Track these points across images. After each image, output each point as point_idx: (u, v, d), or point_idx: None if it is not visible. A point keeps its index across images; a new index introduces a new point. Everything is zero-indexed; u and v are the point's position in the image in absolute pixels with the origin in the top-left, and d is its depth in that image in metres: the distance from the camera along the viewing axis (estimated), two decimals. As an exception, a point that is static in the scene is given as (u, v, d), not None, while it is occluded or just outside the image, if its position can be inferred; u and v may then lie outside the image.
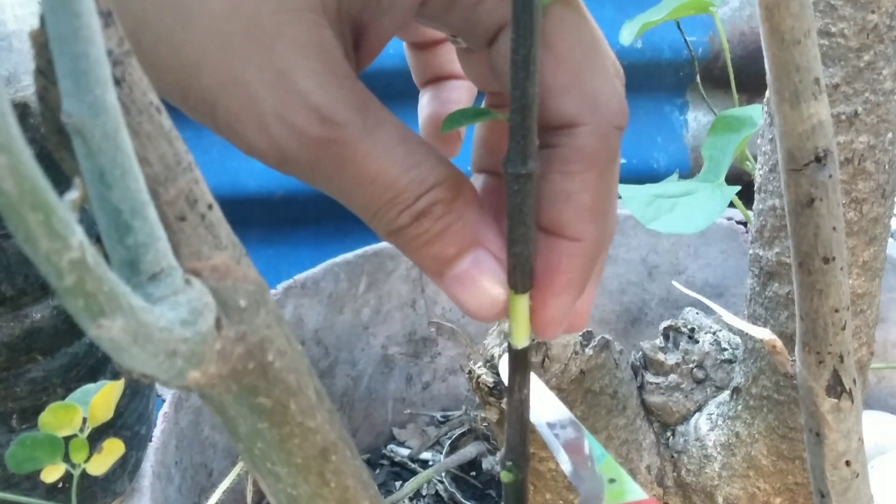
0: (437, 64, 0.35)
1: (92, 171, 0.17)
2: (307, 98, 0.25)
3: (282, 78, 0.25)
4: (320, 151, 0.25)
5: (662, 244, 0.91)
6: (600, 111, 0.26)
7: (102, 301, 0.15)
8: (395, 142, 0.26)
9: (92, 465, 0.46)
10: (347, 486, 0.25)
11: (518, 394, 0.29)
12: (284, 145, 0.25)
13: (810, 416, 0.39)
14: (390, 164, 0.26)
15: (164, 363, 0.18)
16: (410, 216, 0.26)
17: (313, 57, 0.25)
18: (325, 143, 0.25)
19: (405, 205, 0.26)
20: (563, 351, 0.50)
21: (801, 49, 0.31)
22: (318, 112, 0.25)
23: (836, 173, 0.34)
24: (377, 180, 0.26)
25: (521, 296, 0.26)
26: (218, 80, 0.25)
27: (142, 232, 0.18)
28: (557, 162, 0.26)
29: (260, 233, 1.09)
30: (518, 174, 0.24)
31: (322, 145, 0.25)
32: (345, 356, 0.87)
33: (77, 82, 0.16)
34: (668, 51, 1.10)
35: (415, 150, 0.26)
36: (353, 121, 0.25)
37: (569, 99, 0.26)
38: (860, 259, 0.45)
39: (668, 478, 0.57)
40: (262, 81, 0.25)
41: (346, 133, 0.25)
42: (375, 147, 0.26)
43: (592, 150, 0.26)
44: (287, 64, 0.25)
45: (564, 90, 0.26)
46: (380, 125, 0.26)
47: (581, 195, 0.26)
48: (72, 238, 0.15)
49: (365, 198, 0.26)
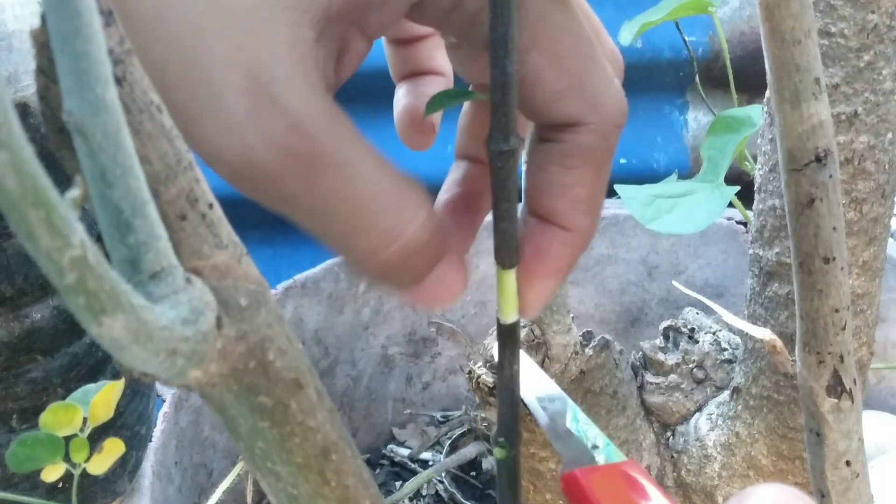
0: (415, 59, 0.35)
1: (93, 169, 0.17)
2: (276, 102, 0.23)
3: (251, 79, 0.23)
4: (289, 163, 0.23)
5: (662, 244, 0.91)
6: (602, 111, 0.26)
7: (103, 299, 0.16)
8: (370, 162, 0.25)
9: (92, 465, 0.46)
10: (348, 486, 0.25)
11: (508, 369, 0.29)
12: (248, 153, 0.23)
13: (810, 416, 0.39)
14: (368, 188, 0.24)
15: (165, 362, 0.18)
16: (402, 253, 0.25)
17: (287, 58, 0.24)
18: (293, 155, 0.23)
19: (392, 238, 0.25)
20: (563, 351, 0.50)
21: (801, 49, 0.31)
22: (287, 118, 0.23)
23: (836, 173, 0.34)
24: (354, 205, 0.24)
25: (509, 271, 0.27)
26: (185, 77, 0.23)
27: (143, 231, 0.18)
28: (557, 155, 0.27)
29: (260, 233, 1.09)
30: (501, 151, 0.25)
31: (291, 156, 0.23)
32: (345, 356, 0.87)
33: (78, 81, 0.16)
34: (668, 51, 1.10)
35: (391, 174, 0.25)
36: (324, 132, 0.24)
37: (572, 101, 0.26)
38: (860, 259, 0.45)
39: (668, 478, 0.57)
40: (229, 82, 0.23)
41: (317, 145, 0.24)
42: (350, 166, 0.24)
43: (592, 148, 0.26)
44: (258, 64, 0.23)
45: (567, 93, 0.26)
46: (353, 142, 0.24)
47: (578, 188, 0.27)
48: (73, 236, 0.15)
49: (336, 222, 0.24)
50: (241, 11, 0.23)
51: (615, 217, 0.89)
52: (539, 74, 0.26)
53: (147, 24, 0.23)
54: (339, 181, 0.24)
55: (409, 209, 0.25)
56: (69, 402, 0.45)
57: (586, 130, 0.26)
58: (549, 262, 0.27)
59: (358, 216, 0.24)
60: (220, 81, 0.23)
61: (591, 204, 0.27)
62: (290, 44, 0.24)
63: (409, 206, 0.25)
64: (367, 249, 0.25)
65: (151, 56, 0.23)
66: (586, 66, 0.26)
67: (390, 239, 0.25)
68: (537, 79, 0.26)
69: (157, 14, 0.23)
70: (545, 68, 0.26)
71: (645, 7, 0.62)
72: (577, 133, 0.26)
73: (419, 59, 0.35)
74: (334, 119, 0.24)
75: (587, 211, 0.27)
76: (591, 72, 0.26)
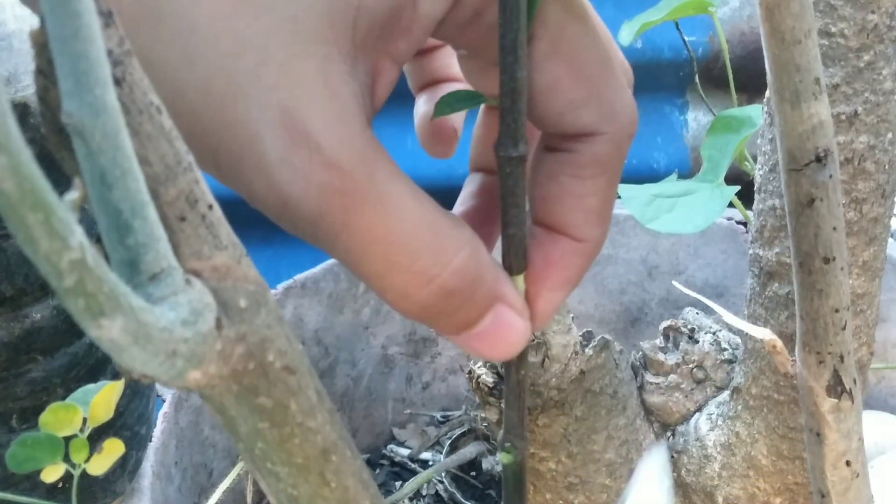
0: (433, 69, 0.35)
1: (92, 171, 0.17)
2: (311, 139, 0.23)
3: (285, 117, 0.23)
4: (325, 201, 0.23)
5: (662, 244, 0.91)
6: (617, 121, 0.26)
7: (102, 301, 0.15)
8: (409, 200, 0.24)
9: (92, 465, 0.46)
10: (348, 486, 0.25)
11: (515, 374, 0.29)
12: (286, 191, 0.23)
13: (810, 416, 0.39)
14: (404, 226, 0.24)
15: (165, 363, 0.18)
16: (439, 294, 0.24)
17: (320, 95, 0.23)
18: (330, 192, 0.23)
19: (428, 279, 0.24)
20: (563, 351, 0.50)
21: (801, 49, 0.31)
22: (322, 155, 0.23)
23: (836, 173, 0.34)
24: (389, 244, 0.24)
25: (516, 277, 0.27)
26: (220, 120, 0.23)
27: (142, 232, 0.18)
28: (570, 165, 0.26)
29: (260, 233, 1.09)
30: (510, 157, 0.25)
31: (327, 194, 0.23)
32: (345, 356, 0.87)
33: (77, 82, 0.16)
34: (668, 51, 1.10)
35: (430, 211, 0.24)
36: (361, 169, 0.23)
37: (588, 111, 0.26)
38: (860, 259, 0.45)
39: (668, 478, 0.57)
40: (264, 121, 0.23)
41: (354, 183, 0.23)
42: (387, 204, 0.23)
43: (607, 157, 0.26)
44: (292, 102, 0.23)
45: (584, 103, 0.26)
46: (391, 178, 0.24)
47: (590, 199, 0.27)
48: (72, 238, 0.14)
49: (371, 261, 0.24)
50: (271, 50, 0.23)
51: (615, 217, 0.89)
52: (556, 84, 0.26)
53: (176, 72, 0.23)
54: (374, 219, 0.23)
55: (447, 249, 0.24)
56: (69, 403, 0.45)
57: (602, 140, 0.26)
58: (560, 273, 0.27)
59: (392, 255, 0.24)
60: (256, 121, 0.23)
61: (602, 214, 0.27)
62: (323, 79, 0.23)
63: (448, 246, 0.24)
64: (401, 290, 0.24)
65: (183, 103, 0.23)
66: (603, 76, 0.26)
67: (426, 279, 0.24)
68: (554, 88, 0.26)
69: (187, 60, 0.23)
70: (563, 78, 0.26)
71: (645, 7, 0.62)
72: (591, 143, 0.26)
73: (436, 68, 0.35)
74: (371, 155, 0.24)
75: (598, 221, 0.27)
76: (607, 82, 0.26)
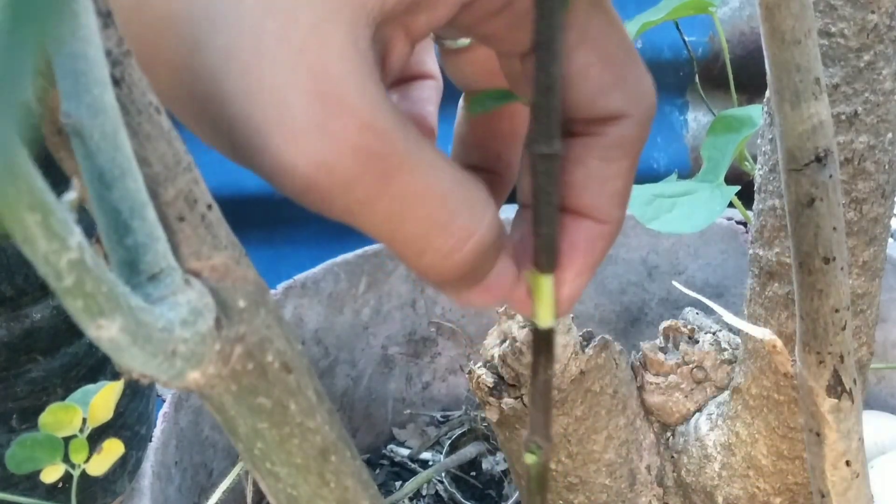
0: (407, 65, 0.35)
1: (91, 171, 0.17)
2: (345, 102, 0.22)
3: (317, 80, 0.22)
4: (362, 164, 0.22)
5: (662, 244, 0.91)
6: (642, 102, 0.27)
7: (101, 301, 0.15)
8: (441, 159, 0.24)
9: (92, 465, 0.46)
10: (347, 487, 0.25)
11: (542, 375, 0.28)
12: (319, 158, 0.22)
13: (810, 416, 0.39)
14: (442, 186, 0.24)
15: (164, 363, 0.18)
16: (477, 251, 0.25)
17: (350, 57, 0.22)
18: (367, 155, 0.22)
19: (469, 234, 0.24)
20: (563, 351, 0.50)
21: (801, 49, 0.31)
22: (358, 118, 0.22)
23: (836, 173, 0.34)
24: (430, 204, 0.23)
25: (547, 276, 0.27)
26: (243, 85, 0.22)
27: (141, 232, 0.18)
28: (598, 149, 0.27)
29: (260, 233, 1.09)
30: (544, 154, 0.24)
31: (364, 157, 0.22)
32: (345, 356, 0.87)
33: (76, 83, 0.16)
34: (668, 51, 1.10)
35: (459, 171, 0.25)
36: (395, 131, 0.23)
37: (616, 94, 0.26)
38: (860, 259, 0.45)
39: (668, 478, 0.57)
40: (293, 85, 0.22)
41: (390, 144, 0.23)
42: (424, 163, 0.23)
43: (633, 139, 0.27)
44: (323, 65, 0.22)
45: (613, 87, 0.26)
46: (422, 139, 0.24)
47: (616, 181, 0.27)
48: (70, 239, 0.14)
49: (412, 223, 0.23)
50: (299, 12, 0.22)
51: (615, 217, 0.89)
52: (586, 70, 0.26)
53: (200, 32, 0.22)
54: (413, 180, 0.23)
55: (479, 205, 0.25)
56: (69, 403, 0.45)
57: (628, 122, 0.27)
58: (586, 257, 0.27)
59: (434, 214, 0.24)
60: (285, 85, 0.22)
61: (625, 195, 0.27)
62: (352, 42, 0.23)
63: (480, 202, 0.25)
64: (443, 249, 0.24)
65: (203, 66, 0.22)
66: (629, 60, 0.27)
67: (466, 236, 0.24)
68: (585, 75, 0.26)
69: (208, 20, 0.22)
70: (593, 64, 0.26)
71: (645, 7, 0.62)
72: (619, 125, 0.27)
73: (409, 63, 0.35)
74: (401, 117, 0.23)
75: (621, 203, 0.27)
76: (632, 66, 0.27)
